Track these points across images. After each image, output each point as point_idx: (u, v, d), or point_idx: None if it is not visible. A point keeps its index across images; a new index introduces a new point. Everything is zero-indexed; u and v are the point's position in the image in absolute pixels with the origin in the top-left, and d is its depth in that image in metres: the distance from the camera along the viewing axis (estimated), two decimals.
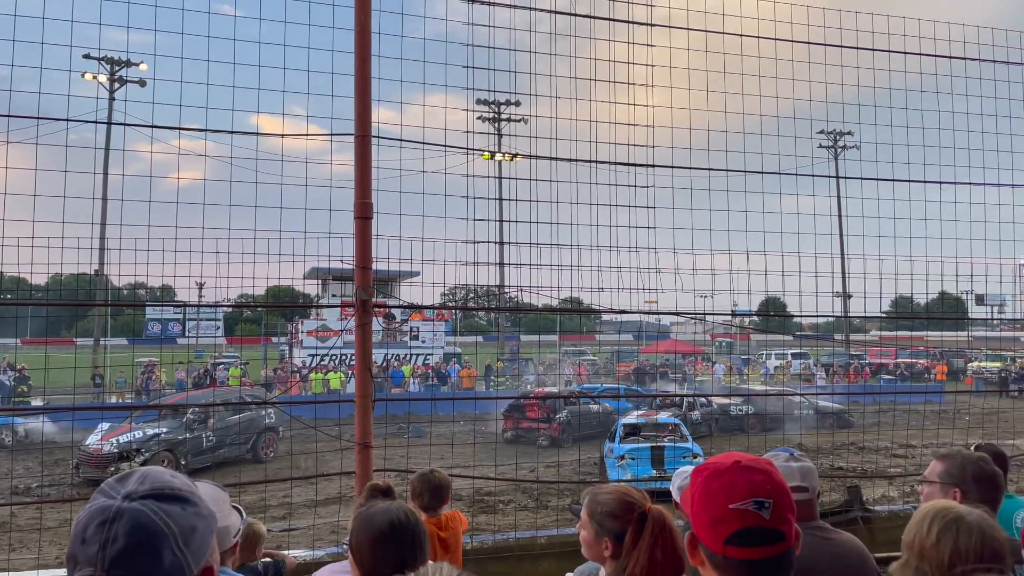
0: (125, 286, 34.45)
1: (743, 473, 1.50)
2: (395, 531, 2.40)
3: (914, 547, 2.13)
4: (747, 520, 1.46)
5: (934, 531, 2.08)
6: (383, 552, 2.38)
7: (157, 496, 1.18)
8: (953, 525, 2.07)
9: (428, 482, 4.53)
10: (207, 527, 1.22)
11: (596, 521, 2.42)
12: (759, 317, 21.25)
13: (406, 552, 2.38)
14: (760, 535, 1.46)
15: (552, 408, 23.41)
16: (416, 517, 2.49)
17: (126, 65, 36.45)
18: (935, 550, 2.06)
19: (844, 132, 45.08)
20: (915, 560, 2.10)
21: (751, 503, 1.46)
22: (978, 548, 2.02)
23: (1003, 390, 32.74)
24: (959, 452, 2.88)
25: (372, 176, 6.15)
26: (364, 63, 6.13)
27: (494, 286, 9.28)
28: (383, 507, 2.50)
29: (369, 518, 2.46)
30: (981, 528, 2.06)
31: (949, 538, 2.05)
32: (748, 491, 1.47)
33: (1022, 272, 14.07)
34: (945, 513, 2.13)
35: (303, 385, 31.93)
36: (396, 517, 2.43)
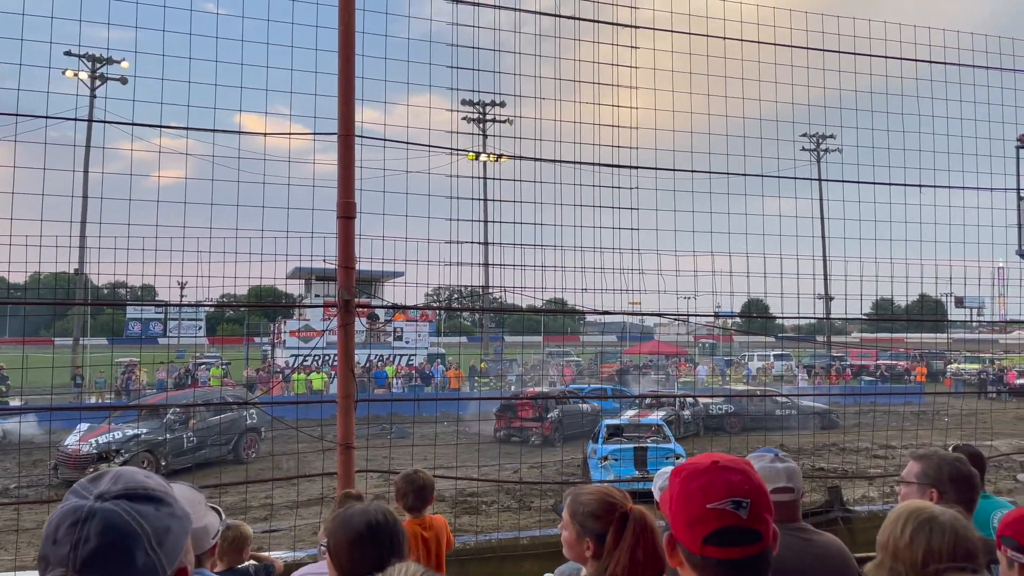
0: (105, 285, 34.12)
1: (721, 473, 1.51)
2: (373, 532, 2.39)
3: (888, 547, 2.14)
4: (725, 520, 1.46)
5: (908, 531, 2.10)
6: (361, 553, 2.37)
7: (130, 496, 1.16)
8: (926, 525, 2.09)
9: (412, 483, 4.52)
10: (181, 528, 1.21)
11: (578, 521, 2.42)
12: (742, 319, 21.39)
13: (384, 553, 2.37)
14: (738, 535, 1.46)
15: (544, 407, 23.65)
16: (394, 518, 2.48)
17: (108, 62, 36.13)
18: (909, 550, 2.08)
19: (826, 135, 45.48)
20: (889, 560, 2.12)
21: (729, 503, 1.47)
22: (951, 547, 2.04)
23: (981, 391, 33.08)
24: (936, 453, 2.90)
25: (355, 176, 6.13)
26: (348, 62, 6.11)
27: (478, 287, 9.28)
28: (361, 508, 2.49)
29: (347, 519, 2.44)
30: (954, 528, 2.08)
31: (922, 538, 2.07)
32: (726, 491, 1.48)
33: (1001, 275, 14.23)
34: (919, 513, 2.15)
35: (286, 386, 31.77)
36: (374, 518, 2.42)
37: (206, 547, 3.30)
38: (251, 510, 13.01)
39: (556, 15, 7.46)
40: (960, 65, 8.57)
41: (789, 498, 2.87)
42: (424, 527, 4.54)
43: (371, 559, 2.35)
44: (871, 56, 8.23)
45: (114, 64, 35.44)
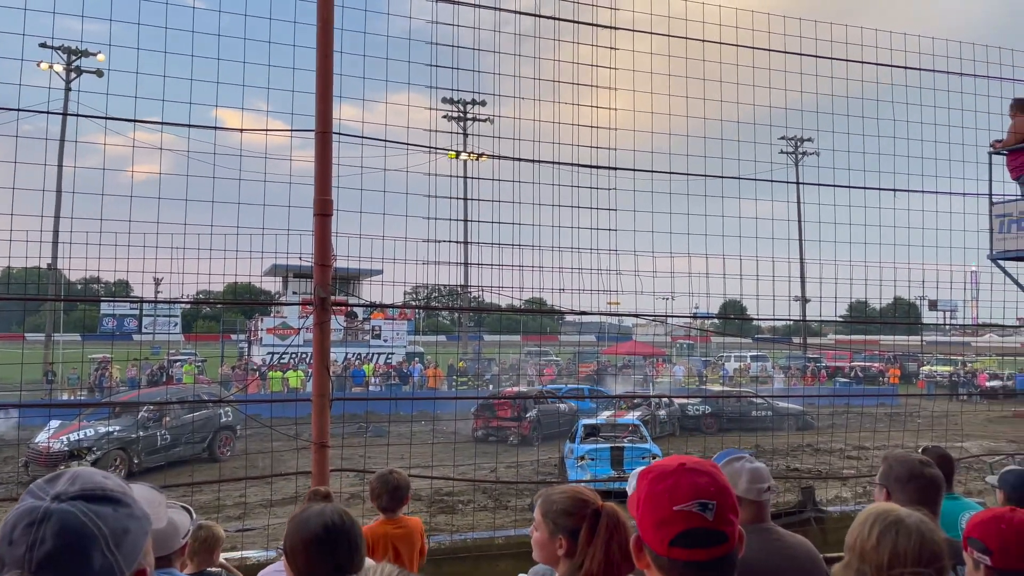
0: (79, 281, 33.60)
1: (687, 475, 1.51)
2: (329, 534, 2.36)
3: (855, 548, 2.15)
4: (691, 522, 1.47)
5: (874, 533, 2.11)
6: (318, 556, 2.34)
7: (87, 497, 1.14)
8: (893, 528, 2.11)
9: (387, 483, 4.49)
10: (140, 529, 1.19)
11: (550, 519, 2.42)
12: (719, 320, 21.54)
13: (341, 555, 2.34)
14: (704, 536, 1.47)
15: (522, 407, 23.60)
16: (351, 519, 2.45)
17: (83, 55, 35.65)
18: (875, 552, 2.09)
19: (804, 139, 45.91)
20: (856, 561, 2.13)
21: (695, 504, 1.47)
22: (916, 550, 2.05)
23: (953, 394, 33.55)
24: (891, 453, 2.96)
25: (333, 173, 6.10)
26: (326, 59, 6.07)
27: (457, 286, 9.26)
28: (317, 509, 2.45)
29: (303, 521, 2.41)
30: (920, 531, 2.10)
31: (889, 540, 2.08)
32: (692, 493, 1.48)
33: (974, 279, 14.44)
34: (886, 515, 2.16)
35: (262, 383, 31.52)
36: (331, 520, 2.38)
37: (176, 547, 3.26)
38: (225, 509, 12.90)
39: (536, 15, 7.46)
40: (935, 71, 8.68)
41: (769, 496, 2.89)
42: (397, 527, 4.51)
43: (328, 562, 2.32)
44: (848, 61, 8.32)
45: (90, 57, 35.04)
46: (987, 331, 35.66)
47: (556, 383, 35.18)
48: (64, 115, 18.81)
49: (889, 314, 23.95)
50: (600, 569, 2.21)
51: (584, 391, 28.68)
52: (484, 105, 34.95)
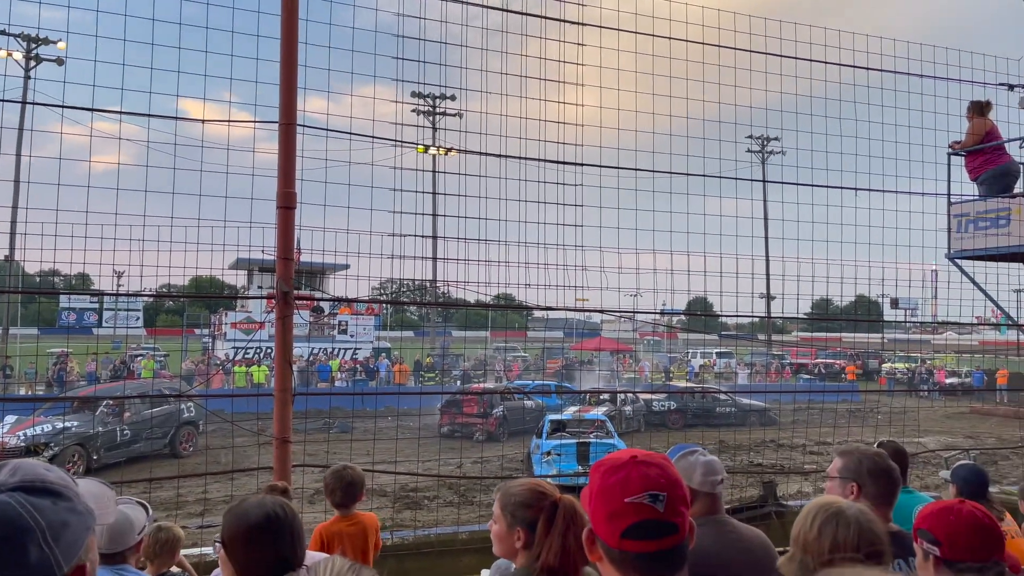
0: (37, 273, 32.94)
1: (638, 468, 1.52)
2: (271, 524, 2.28)
3: (799, 541, 2.20)
4: (642, 513, 1.47)
5: (816, 525, 2.18)
6: (260, 548, 2.27)
7: (27, 489, 1.11)
8: (833, 519, 2.18)
9: (341, 479, 4.44)
10: (81, 524, 1.16)
11: (509, 512, 2.43)
12: (686, 316, 21.74)
13: (284, 547, 2.28)
14: (655, 528, 1.48)
15: (489, 403, 23.55)
16: (292, 511, 2.38)
17: (43, 43, 34.87)
18: (817, 542, 2.15)
19: (771, 138, 46.48)
20: (799, 553, 2.19)
21: (646, 496, 1.47)
22: (855, 540, 2.12)
23: (912, 390, 34.23)
24: (857, 448, 2.99)
25: (296, 165, 6.03)
26: (290, 49, 5.99)
27: (426, 281, 9.22)
28: (256, 500, 2.38)
29: (243, 513, 2.33)
30: (859, 521, 2.16)
31: (829, 531, 2.15)
32: (643, 485, 1.49)
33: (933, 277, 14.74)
34: (827, 508, 2.23)
35: (226, 378, 31.14)
36: (271, 510, 2.31)
37: (131, 542, 3.21)
38: (186, 505, 12.73)
39: (504, 9, 7.44)
40: (896, 72, 8.83)
41: (722, 488, 2.93)
42: (351, 524, 4.47)
43: (270, 554, 2.26)
44: (812, 61, 8.42)
45: (51, 44, 34.30)
46: (946, 329, 36.42)
47: (523, 379, 35.29)
48: (23, 104, 18.40)
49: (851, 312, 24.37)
50: (557, 561, 2.22)
51: (551, 387, 28.72)
52: (453, 100, 34.90)
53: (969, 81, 8.96)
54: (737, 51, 8.12)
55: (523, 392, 25.68)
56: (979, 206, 9.05)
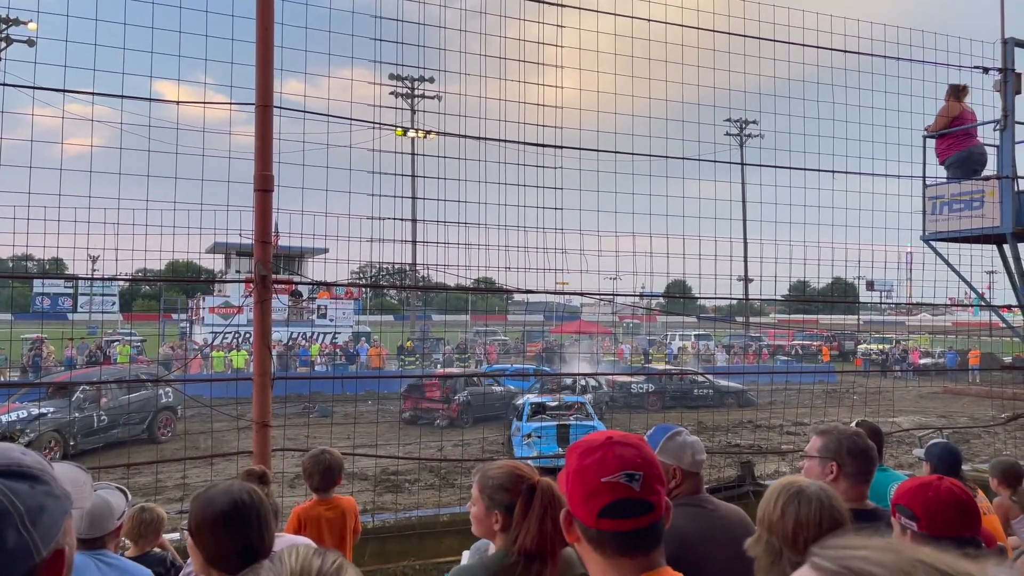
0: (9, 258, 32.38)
1: (614, 448, 1.54)
2: (238, 511, 2.27)
3: (764, 521, 2.23)
4: (618, 493, 1.49)
5: (779, 505, 2.21)
6: (227, 535, 2.25)
7: (3, 473, 1.09)
8: (795, 498, 2.20)
9: (320, 463, 4.45)
10: (59, 508, 1.14)
11: (487, 495, 2.44)
12: (665, 299, 21.83)
13: (252, 534, 2.26)
14: (631, 507, 1.49)
15: (452, 389, 22.93)
16: (260, 497, 2.36)
17: (14, 23, 34.20)
18: (781, 522, 2.17)
19: (749, 121, 46.69)
20: (765, 534, 2.21)
21: (622, 476, 1.49)
22: (817, 517, 2.15)
23: (887, 370, 34.69)
24: (836, 428, 3.02)
25: (274, 148, 5.97)
26: (266, 30, 5.92)
27: (406, 264, 9.19)
28: (224, 487, 2.37)
29: (209, 500, 2.32)
30: (820, 499, 2.19)
31: (792, 510, 2.17)
32: (618, 465, 1.51)
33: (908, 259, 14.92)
34: (788, 487, 2.25)
35: (204, 363, 30.93)
36: (238, 497, 2.30)
37: (110, 528, 3.21)
38: (165, 491, 12.68)
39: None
40: (873, 55, 8.88)
41: (702, 469, 2.97)
42: (329, 508, 4.48)
43: (237, 541, 2.24)
44: (790, 43, 8.44)
45: (21, 25, 33.64)
46: (920, 310, 36.90)
47: (502, 362, 35.33)
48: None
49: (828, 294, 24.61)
50: (534, 544, 2.24)
51: (529, 370, 28.61)
52: (432, 82, 34.66)
53: (945, 64, 9.03)
54: (715, 33, 8.12)
55: (484, 374, 25.42)
56: (953, 188, 9.15)
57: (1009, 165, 8.74)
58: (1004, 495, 5.21)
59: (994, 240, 9.16)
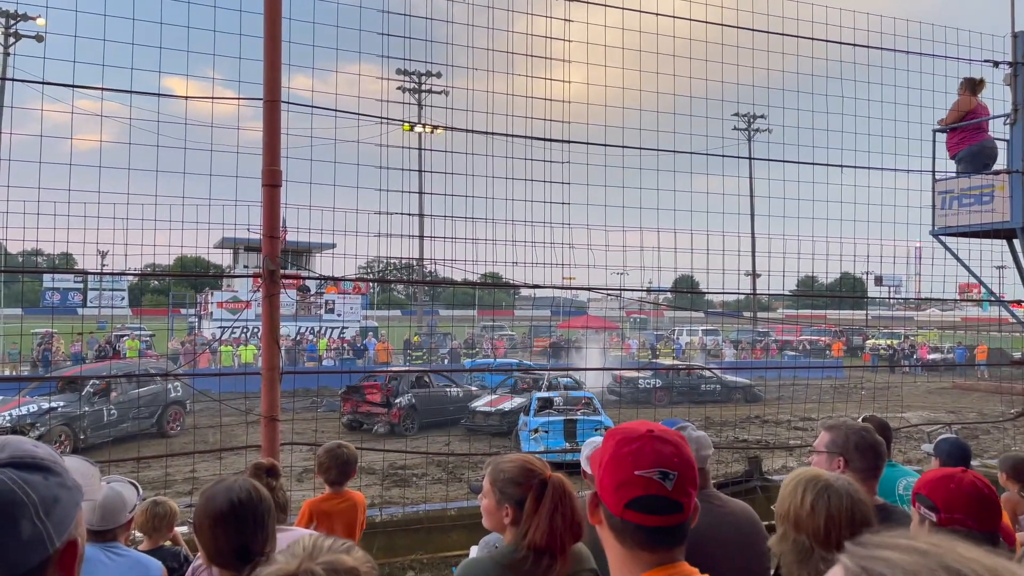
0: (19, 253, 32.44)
1: (653, 442, 1.53)
2: (235, 511, 2.26)
3: (789, 517, 2.15)
4: (650, 488, 1.48)
5: (808, 500, 2.12)
6: (223, 534, 2.25)
7: (17, 465, 1.10)
8: (824, 493, 2.13)
9: (336, 457, 4.49)
10: (71, 499, 1.15)
11: (498, 488, 2.44)
12: (672, 294, 21.78)
13: (247, 534, 2.25)
14: (661, 504, 1.49)
15: (393, 391, 20.75)
16: (260, 495, 2.35)
17: (22, 19, 34.30)
18: (811, 518, 2.09)
19: (757, 115, 46.49)
20: (792, 531, 2.13)
21: (656, 472, 1.49)
22: (849, 513, 2.09)
23: (895, 365, 34.57)
24: (844, 423, 3.00)
25: (281, 143, 5.98)
26: (274, 25, 5.92)
27: (413, 259, 9.20)
28: (226, 484, 2.36)
29: (211, 497, 2.33)
30: (850, 494, 2.14)
31: (822, 505, 2.09)
32: (655, 460, 1.50)
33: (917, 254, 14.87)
34: (815, 481, 2.18)
35: (212, 358, 31.05)
36: (237, 496, 2.29)
37: (122, 520, 3.22)
38: (174, 484, 12.74)
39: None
40: (883, 49, 8.82)
41: (709, 464, 2.97)
42: (341, 502, 4.52)
43: (233, 541, 2.25)
44: (799, 37, 8.40)
45: (29, 20, 33.73)
46: (929, 305, 36.75)
47: (510, 358, 35.27)
48: (2, 80, 18.12)
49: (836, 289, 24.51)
50: (544, 539, 2.24)
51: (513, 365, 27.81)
52: (439, 76, 34.64)
53: (955, 58, 8.97)
54: (724, 27, 8.10)
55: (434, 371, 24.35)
56: (963, 183, 9.10)
57: (1020, 159, 8.68)
58: (1013, 490, 5.20)
59: (1004, 235, 9.11)
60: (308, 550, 1.26)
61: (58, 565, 1.11)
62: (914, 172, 9.51)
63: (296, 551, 1.26)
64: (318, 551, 1.26)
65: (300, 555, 1.25)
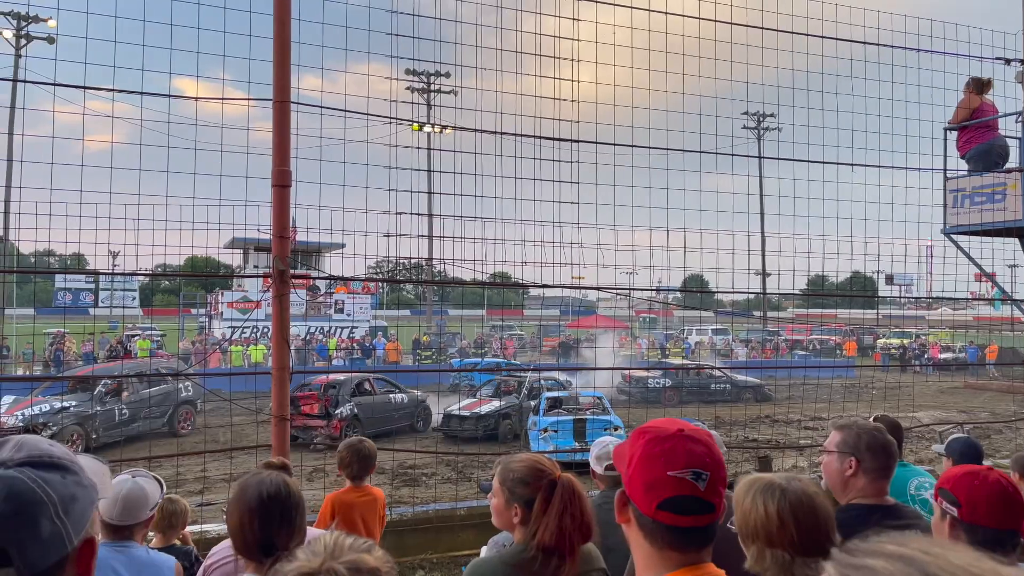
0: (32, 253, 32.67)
1: (685, 442, 1.52)
2: (263, 506, 2.29)
3: (759, 535, 1.94)
4: (683, 489, 1.48)
5: (772, 512, 1.93)
6: (250, 526, 2.28)
7: (34, 464, 1.11)
8: (782, 496, 1.94)
9: (357, 452, 4.57)
10: (87, 497, 1.16)
11: (507, 488, 2.44)
12: (682, 293, 21.75)
13: (273, 529, 2.27)
14: (693, 504, 1.48)
15: (332, 400, 18.61)
16: (290, 490, 2.37)
17: (33, 20, 34.52)
18: (781, 530, 1.91)
19: (767, 114, 46.32)
20: (766, 547, 1.93)
21: (689, 473, 1.48)
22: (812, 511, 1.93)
23: (906, 364, 34.39)
24: (855, 423, 2.97)
25: (291, 143, 6.00)
26: (283, 25, 5.94)
27: (422, 259, 9.22)
28: (258, 479, 2.38)
29: (242, 490, 2.35)
30: (803, 491, 1.97)
31: (788, 513, 1.92)
32: (688, 461, 1.49)
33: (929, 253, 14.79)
34: (769, 488, 1.98)
35: (223, 358, 31.18)
36: (267, 491, 2.31)
37: (142, 517, 3.15)
38: (185, 483, 12.80)
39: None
40: (893, 47, 8.79)
41: None
42: (363, 496, 4.57)
43: (260, 535, 2.27)
44: (808, 36, 8.37)
45: (41, 22, 33.94)
46: (940, 304, 36.55)
47: (519, 358, 35.26)
48: (14, 82, 18.23)
49: (847, 288, 24.41)
50: (553, 539, 2.23)
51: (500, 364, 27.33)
52: (448, 76, 34.69)
53: (966, 55, 8.92)
54: (733, 26, 8.07)
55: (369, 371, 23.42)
56: (975, 181, 9.04)
57: None
58: None
59: (1016, 233, 9.05)
60: (329, 548, 1.25)
61: (76, 563, 1.12)
62: (925, 170, 9.47)
63: (317, 549, 1.25)
64: (340, 550, 1.25)
65: (322, 553, 1.24)
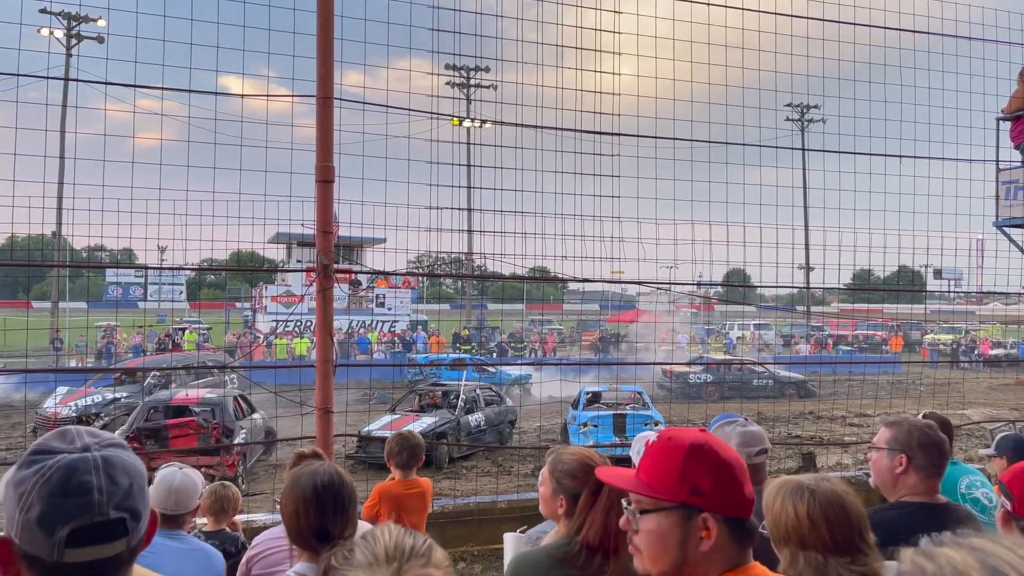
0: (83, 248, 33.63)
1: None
2: (318, 495, 2.33)
3: (792, 538, 1.93)
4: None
5: (802, 513, 1.92)
6: (304, 515, 2.33)
7: (115, 445, 1.23)
8: (812, 497, 1.93)
9: (406, 442, 4.63)
10: (145, 482, 1.28)
11: (555, 478, 2.47)
12: (723, 288, 21.51)
13: (328, 517, 2.31)
14: None
15: (220, 429, 13.14)
16: (343, 480, 2.41)
17: (83, 20, 35.35)
18: (813, 531, 1.90)
19: (811, 105, 45.48)
20: (798, 551, 1.91)
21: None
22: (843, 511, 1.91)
23: (955, 361, 33.57)
24: (906, 419, 2.90)
25: (334, 139, 6.07)
26: (326, 22, 6.00)
27: (462, 253, 9.27)
28: (311, 469, 2.42)
29: (296, 479, 2.40)
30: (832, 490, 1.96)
31: (818, 514, 1.90)
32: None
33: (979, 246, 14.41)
34: (798, 490, 1.97)
35: (267, 351, 31.68)
36: (321, 480, 2.35)
37: (192, 506, 3.29)
38: None
39: None
40: (944, 35, 8.56)
41: (762, 459, 2.91)
42: (410, 487, 4.63)
43: (314, 523, 2.31)
44: (855, 24, 8.20)
45: (91, 22, 34.74)
46: (991, 299, 35.57)
47: (559, 354, 35.21)
48: (65, 81, 18.73)
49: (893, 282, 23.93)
50: (597, 537, 2.23)
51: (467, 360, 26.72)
52: (488, 71, 34.73)
53: (1020, 44, 8.66)
54: (777, 16, 7.94)
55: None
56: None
57: None
58: None
59: None
60: (392, 556, 1.19)
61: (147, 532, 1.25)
62: (976, 162, 9.22)
63: (378, 552, 1.20)
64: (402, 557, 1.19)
65: (383, 559, 1.19)
